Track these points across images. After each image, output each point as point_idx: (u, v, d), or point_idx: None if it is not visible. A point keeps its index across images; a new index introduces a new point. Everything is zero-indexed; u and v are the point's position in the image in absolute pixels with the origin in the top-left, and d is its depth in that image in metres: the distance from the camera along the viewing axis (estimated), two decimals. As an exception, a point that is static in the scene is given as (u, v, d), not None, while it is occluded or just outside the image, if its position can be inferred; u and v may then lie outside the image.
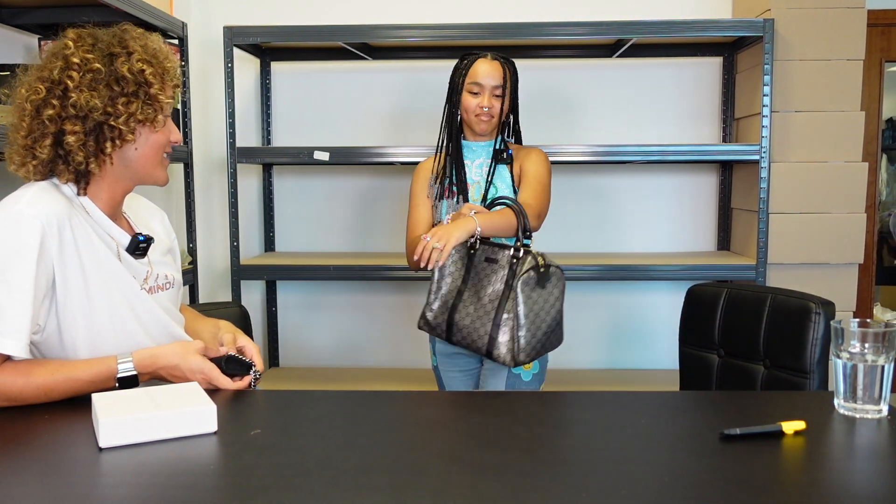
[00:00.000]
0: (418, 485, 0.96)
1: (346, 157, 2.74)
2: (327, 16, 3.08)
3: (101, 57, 1.35)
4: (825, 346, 1.74)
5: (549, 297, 1.84)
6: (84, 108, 1.33)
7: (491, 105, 2.11)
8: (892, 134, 5.11)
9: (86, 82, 1.34)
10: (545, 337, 1.85)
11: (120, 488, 0.97)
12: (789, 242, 2.72)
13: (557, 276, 1.86)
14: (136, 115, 1.36)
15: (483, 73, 2.12)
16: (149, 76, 1.36)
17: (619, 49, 2.91)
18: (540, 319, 1.83)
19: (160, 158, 1.44)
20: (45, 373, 1.28)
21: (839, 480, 0.99)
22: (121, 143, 1.37)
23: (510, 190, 2.15)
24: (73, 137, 1.33)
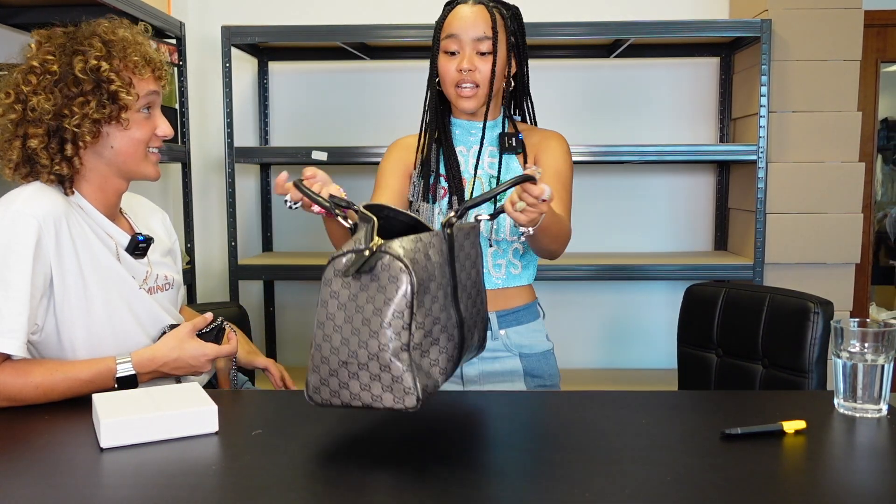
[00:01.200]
0: (420, 484, 0.96)
1: (344, 157, 2.74)
2: (325, 16, 3.08)
3: (60, 57, 1.33)
4: (824, 346, 1.74)
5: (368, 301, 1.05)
6: (39, 111, 1.31)
7: (472, 66, 1.54)
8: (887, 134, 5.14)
9: (43, 85, 1.32)
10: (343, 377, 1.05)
11: (121, 489, 0.97)
12: (786, 242, 2.72)
13: (393, 271, 1.04)
14: (91, 115, 1.31)
15: (459, 21, 1.55)
16: (106, 73, 1.32)
17: (617, 49, 2.91)
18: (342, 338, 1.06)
19: (143, 154, 1.40)
20: (44, 372, 1.27)
21: (840, 479, 0.99)
22: (83, 145, 1.33)
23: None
24: (35, 141, 1.32)
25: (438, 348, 1.10)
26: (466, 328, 1.18)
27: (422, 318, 1.07)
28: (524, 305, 1.69)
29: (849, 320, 1.21)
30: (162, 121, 1.42)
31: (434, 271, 1.10)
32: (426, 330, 1.08)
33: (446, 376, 1.11)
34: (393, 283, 1.04)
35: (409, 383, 1.03)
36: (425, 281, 1.07)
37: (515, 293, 1.68)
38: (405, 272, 1.04)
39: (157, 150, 1.44)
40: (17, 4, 2.34)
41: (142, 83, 1.37)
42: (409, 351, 1.04)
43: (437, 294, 1.10)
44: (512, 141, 1.62)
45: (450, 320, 1.13)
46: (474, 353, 1.27)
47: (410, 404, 1.03)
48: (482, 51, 1.55)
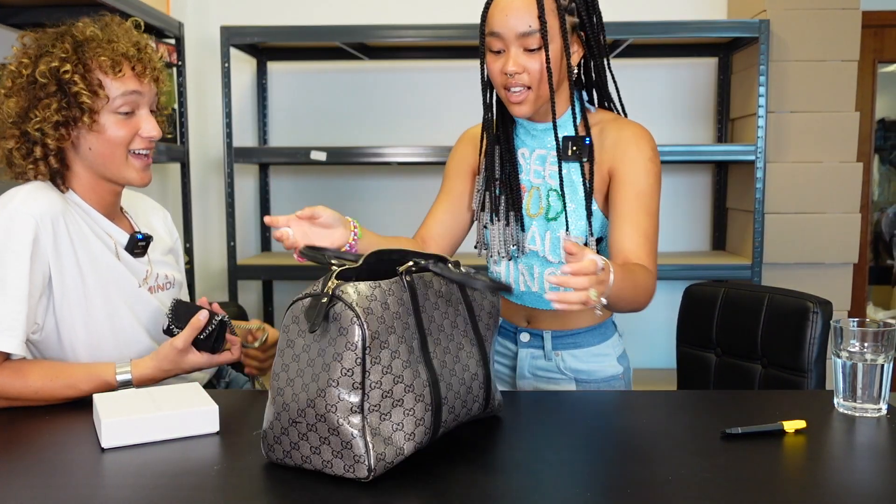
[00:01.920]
0: (423, 484, 0.96)
1: (343, 158, 2.74)
2: (324, 16, 3.08)
3: (32, 60, 1.31)
4: (823, 346, 1.75)
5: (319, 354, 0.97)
6: (7, 114, 1.31)
7: (519, 68, 1.33)
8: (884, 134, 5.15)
9: (12, 88, 1.31)
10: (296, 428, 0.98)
11: (122, 489, 0.97)
12: (784, 242, 2.73)
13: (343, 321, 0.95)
14: (50, 118, 1.28)
15: (500, 14, 1.32)
16: (68, 76, 1.28)
17: (616, 49, 2.91)
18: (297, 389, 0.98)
19: (123, 157, 1.34)
20: (43, 377, 1.27)
21: (840, 479, 0.99)
22: (53, 147, 1.31)
23: (582, 209, 1.40)
24: (11, 143, 1.32)
25: (402, 410, 0.98)
26: (445, 387, 1.04)
27: (378, 377, 0.95)
28: (587, 328, 1.51)
29: (848, 320, 1.21)
30: (146, 121, 1.35)
31: (392, 323, 0.97)
32: (384, 390, 0.96)
33: (415, 442, 0.99)
34: (342, 336, 0.93)
35: (360, 450, 0.93)
36: (381, 334, 0.95)
37: (574, 315, 1.49)
38: (355, 323, 0.93)
39: (144, 152, 1.37)
40: (15, 4, 2.34)
41: (116, 83, 1.31)
42: (363, 413, 0.94)
43: (399, 349, 0.98)
44: (575, 147, 1.37)
45: (417, 378, 1.00)
46: (477, 414, 1.13)
47: (361, 474, 0.93)
48: (530, 47, 1.32)
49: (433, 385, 1.02)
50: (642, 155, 1.36)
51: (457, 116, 3.11)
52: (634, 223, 1.33)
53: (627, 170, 1.35)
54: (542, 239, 1.45)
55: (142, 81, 1.34)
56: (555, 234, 1.43)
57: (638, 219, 1.33)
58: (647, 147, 1.38)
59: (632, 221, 1.33)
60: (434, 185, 3.18)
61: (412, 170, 3.14)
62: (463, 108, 3.11)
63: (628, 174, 1.35)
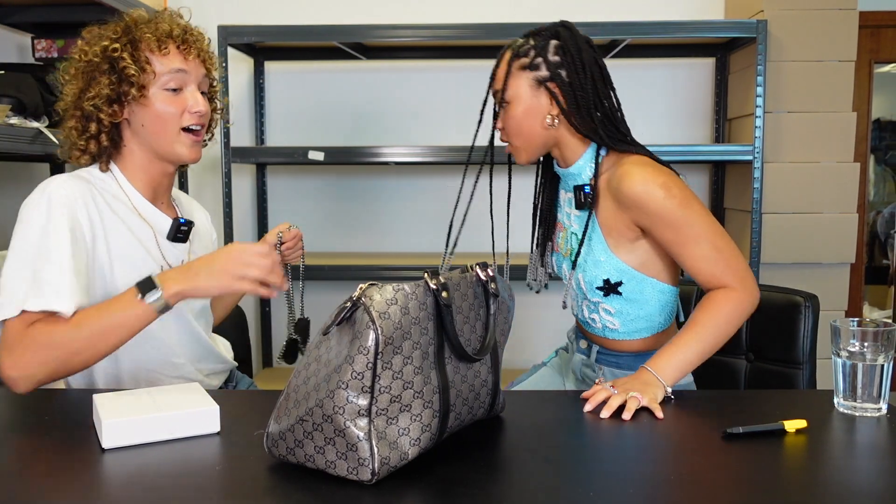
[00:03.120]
0: (424, 485, 0.96)
1: (341, 157, 2.74)
2: (321, 15, 3.08)
3: (89, 46, 1.39)
4: (815, 339, 1.77)
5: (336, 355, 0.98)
6: (69, 96, 1.39)
7: (500, 124, 1.50)
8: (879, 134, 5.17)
9: (74, 74, 1.39)
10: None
11: (123, 490, 0.96)
12: (782, 242, 2.74)
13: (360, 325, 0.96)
14: (102, 94, 1.36)
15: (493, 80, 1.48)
16: (115, 53, 1.35)
17: (613, 50, 2.92)
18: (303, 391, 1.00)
19: (174, 132, 1.40)
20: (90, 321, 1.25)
21: (842, 478, 0.99)
22: (107, 122, 1.38)
23: (608, 258, 1.45)
24: (72, 122, 1.40)
25: (410, 416, 0.98)
26: (455, 394, 1.05)
27: (388, 381, 0.96)
28: (631, 353, 1.54)
29: (848, 320, 1.21)
30: (194, 97, 1.41)
31: (410, 328, 0.98)
32: (393, 395, 0.96)
33: (420, 448, 0.99)
34: (357, 340, 0.95)
35: (365, 453, 0.93)
36: (396, 339, 0.96)
37: (618, 343, 1.55)
38: (370, 328, 0.94)
39: (194, 127, 1.42)
40: (12, 3, 2.33)
41: (163, 60, 1.38)
42: (371, 417, 0.94)
43: (412, 355, 0.98)
44: (580, 195, 1.45)
45: (427, 384, 1.00)
46: (480, 417, 1.15)
47: (364, 477, 0.93)
48: (503, 105, 1.47)
49: (443, 391, 1.02)
50: (653, 199, 1.37)
51: (454, 116, 3.11)
52: (693, 257, 1.38)
53: (652, 221, 1.39)
54: (571, 278, 1.53)
55: (187, 59, 1.40)
56: (577, 275, 1.51)
57: (691, 251, 1.38)
58: (655, 189, 1.37)
59: (690, 256, 1.38)
60: (432, 185, 3.19)
61: (410, 170, 3.14)
62: (460, 108, 3.11)
63: (656, 223, 1.38)
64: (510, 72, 1.43)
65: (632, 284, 1.48)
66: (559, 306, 1.96)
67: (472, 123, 3.11)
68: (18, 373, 1.24)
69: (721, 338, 1.36)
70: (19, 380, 1.24)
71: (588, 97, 1.42)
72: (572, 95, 1.42)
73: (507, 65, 1.44)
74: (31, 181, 2.66)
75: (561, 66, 1.42)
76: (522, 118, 1.44)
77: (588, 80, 1.42)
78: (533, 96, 1.43)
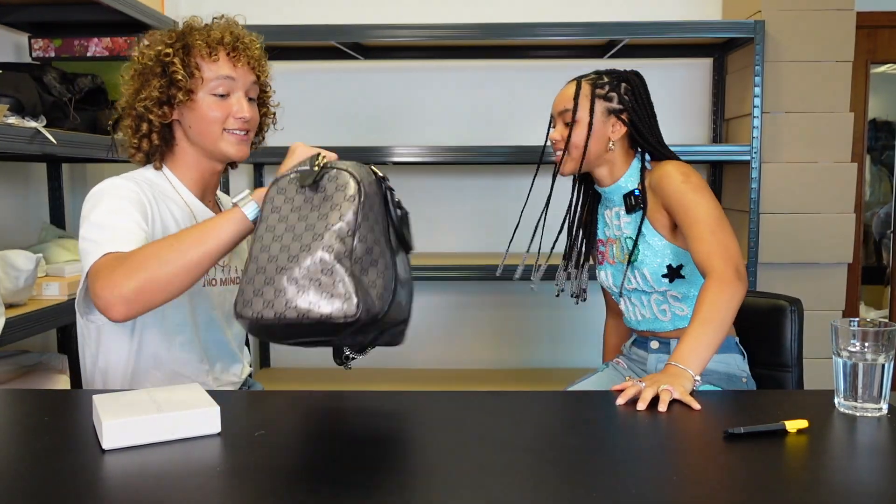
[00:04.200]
0: (427, 485, 0.96)
1: (339, 157, 2.73)
2: (320, 15, 3.08)
3: (148, 49, 1.45)
4: (801, 342, 1.79)
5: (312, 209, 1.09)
6: (126, 100, 1.46)
7: (555, 137, 1.74)
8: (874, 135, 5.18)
9: (132, 77, 1.46)
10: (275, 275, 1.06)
11: (124, 490, 0.96)
12: (779, 242, 2.74)
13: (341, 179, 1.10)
14: (153, 96, 1.42)
15: (556, 100, 1.76)
16: (167, 57, 1.41)
17: (611, 50, 2.92)
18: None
19: (218, 132, 1.45)
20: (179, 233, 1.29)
21: (843, 478, 0.99)
22: (157, 123, 1.44)
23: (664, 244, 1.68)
24: (128, 121, 1.47)
25: (377, 271, 1.06)
26: (400, 270, 1.14)
27: (365, 232, 1.05)
28: None
29: (848, 320, 1.21)
30: (239, 104, 1.46)
31: (375, 199, 1.10)
32: (367, 246, 1.05)
33: (383, 304, 1.06)
34: (341, 191, 1.06)
35: (351, 288, 0.99)
36: (370, 198, 1.08)
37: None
38: (353, 179, 1.06)
39: (238, 131, 1.47)
40: (9, 3, 2.33)
41: (211, 66, 1.43)
42: (351, 260, 1.02)
43: (375, 225, 1.08)
44: (631, 199, 1.71)
45: (386, 251, 1.10)
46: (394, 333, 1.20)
47: (350, 311, 0.99)
48: (566, 121, 1.71)
49: (394, 265, 1.12)
50: (674, 181, 1.61)
51: (452, 116, 3.11)
52: (694, 237, 1.56)
53: (672, 201, 1.62)
54: (636, 277, 1.73)
55: (235, 66, 1.45)
56: (640, 271, 1.71)
57: (694, 231, 1.56)
58: (677, 173, 1.62)
59: (692, 237, 1.57)
60: (430, 184, 3.18)
61: (408, 169, 3.14)
62: (459, 108, 3.11)
63: (673, 203, 1.61)
64: (584, 96, 1.69)
65: (690, 266, 1.68)
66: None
67: (471, 123, 3.13)
68: (110, 292, 1.22)
69: (725, 325, 1.46)
70: (110, 300, 1.22)
71: (650, 127, 1.73)
72: (638, 126, 1.71)
73: (586, 93, 1.70)
74: (28, 181, 2.65)
75: (630, 103, 1.71)
76: (580, 138, 1.70)
77: (649, 116, 1.74)
78: (601, 122, 1.70)
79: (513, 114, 3.10)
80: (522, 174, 3.13)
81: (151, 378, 1.48)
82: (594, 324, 3.14)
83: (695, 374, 1.37)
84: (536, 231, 1.85)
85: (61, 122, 2.09)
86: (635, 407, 1.26)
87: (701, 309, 1.46)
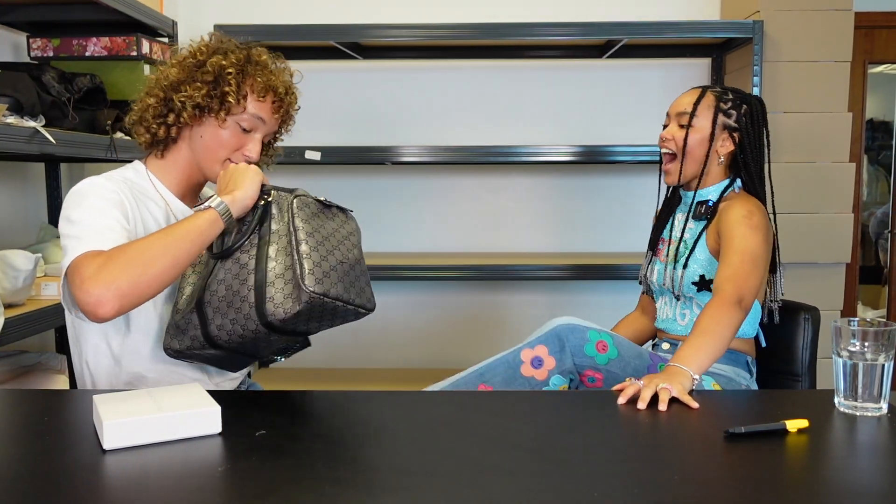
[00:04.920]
0: (429, 485, 0.96)
1: (338, 157, 2.73)
2: (318, 15, 3.07)
3: (209, 51, 1.49)
4: (814, 351, 1.76)
5: (339, 230, 1.40)
6: (167, 78, 1.47)
7: (669, 135, 1.77)
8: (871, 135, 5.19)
9: (182, 63, 1.48)
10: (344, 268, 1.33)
11: (125, 491, 0.96)
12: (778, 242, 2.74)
13: (349, 212, 1.48)
14: (195, 98, 1.44)
15: (675, 101, 1.82)
16: (227, 75, 1.44)
17: (609, 50, 2.92)
18: (331, 245, 1.34)
19: (222, 157, 1.49)
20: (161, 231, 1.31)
21: (843, 477, 1.00)
22: (185, 119, 1.46)
23: (707, 258, 1.75)
24: (153, 100, 1.48)
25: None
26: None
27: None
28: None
29: (847, 319, 1.22)
30: (255, 145, 1.50)
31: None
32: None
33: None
34: (352, 221, 1.47)
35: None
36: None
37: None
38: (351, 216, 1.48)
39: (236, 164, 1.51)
40: (7, 2, 2.32)
41: (256, 104, 1.47)
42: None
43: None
44: (701, 208, 1.78)
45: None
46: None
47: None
48: (681, 123, 1.76)
49: None
50: (737, 213, 1.68)
51: (451, 116, 3.11)
52: (726, 263, 1.63)
53: (726, 229, 1.68)
54: (670, 278, 1.80)
55: (273, 115, 1.51)
56: (677, 272, 1.78)
57: (728, 258, 1.63)
58: (743, 208, 1.68)
59: (724, 262, 1.63)
60: (429, 184, 3.18)
61: (406, 169, 3.14)
62: (457, 108, 3.11)
63: (726, 231, 1.68)
64: (708, 106, 1.75)
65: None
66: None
67: (469, 123, 3.12)
68: (101, 287, 1.21)
69: (724, 339, 1.51)
70: (104, 295, 1.21)
71: (755, 155, 1.77)
72: (746, 149, 1.76)
73: (710, 103, 1.75)
74: (26, 181, 2.65)
75: (746, 126, 1.75)
76: (698, 144, 1.75)
77: (762, 144, 1.78)
78: (717, 134, 1.76)
79: (511, 114, 3.11)
80: (521, 174, 3.13)
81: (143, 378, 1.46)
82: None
83: (693, 374, 1.39)
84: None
85: (60, 122, 2.08)
86: (636, 406, 1.26)
87: (701, 321, 1.53)
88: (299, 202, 1.37)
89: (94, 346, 1.45)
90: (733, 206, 1.71)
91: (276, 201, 1.39)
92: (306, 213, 1.36)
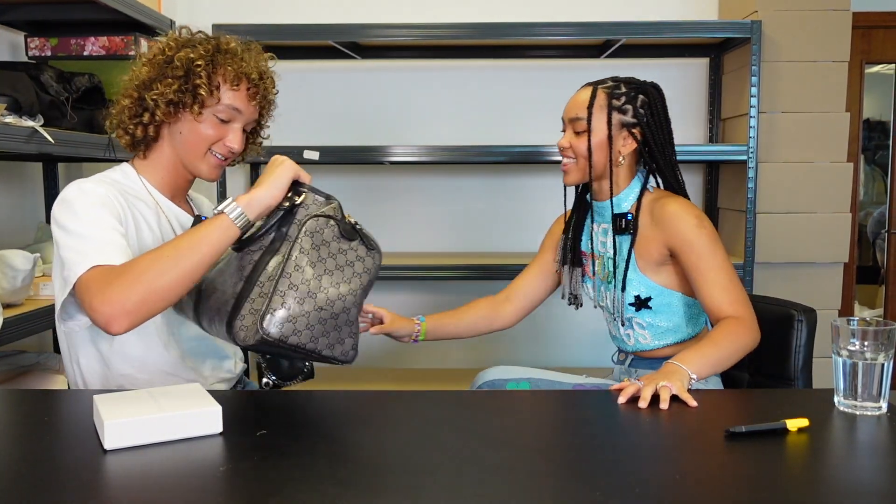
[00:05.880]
0: (431, 485, 0.96)
1: (336, 157, 2.73)
2: (316, 14, 3.07)
3: (177, 46, 1.46)
4: (809, 353, 1.74)
5: (345, 267, 1.28)
6: (137, 77, 1.46)
7: (567, 144, 1.66)
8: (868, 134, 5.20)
9: (151, 60, 1.46)
10: (321, 315, 1.22)
11: (126, 491, 0.96)
12: (776, 242, 2.75)
13: (373, 248, 1.35)
14: (167, 94, 1.42)
15: (568, 105, 1.69)
16: (197, 68, 1.42)
17: (608, 50, 2.92)
18: (318, 284, 1.23)
19: (203, 151, 1.48)
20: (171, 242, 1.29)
21: (843, 476, 1.00)
22: (159, 118, 1.44)
23: (639, 277, 1.65)
24: (128, 101, 1.47)
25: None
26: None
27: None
28: (662, 359, 1.59)
29: (847, 318, 1.22)
30: (234, 134, 1.48)
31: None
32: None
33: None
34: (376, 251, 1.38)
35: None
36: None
37: (649, 353, 1.72)
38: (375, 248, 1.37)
39: (220, 156, 1.50)
40: (6, 2, 2.32)
41: (230, 93, 1.45)
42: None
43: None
44: (622, 222, 1.66)
45: None
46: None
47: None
48: (577, 130, 1.65)
49: None
50: (687, 224, 1.57)
51: (450, 116, 3.11)
52: (711, 282, 1.55)
53: (681, 242, 1.58)
54: (608, 298, 1.72)
55: (249, 102, 1.48)
56: (611, 293, 1.71)
57: (711, 276, 1.55)
58: (690, 216, 1.59)
59: (708, 281, 1.55)
60: (427, 184, 3.18)
61: (405, 169, 3.14)
62: (456, 108, 3.11)
63: (684, 245, 1.58)
64: (600, 107, 1.63)
65: (660, 299, 1.66)
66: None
67: (467, 123, 3.12)
68: (111, 307, 1.21)
69: (731, 353, 1.47)
70: (114, 314, 1.21)
71: (662, 147, 1.66)
72: (651, 143, 1.65)
73: (602, 103, 1.63)
74: (25, 180, 2.64)
75: (646, 118, 1.64)
76: (597, 147, 1.63)
77: (665, 134, 1.67)
78: (615, 135, 1.64)
79: (510, 113, 3.11)
80: (519, 174, 3.13)
81: (134, 381, 1.46)
82: (589, 324, 3.14)
83: (691, 372, 1.38)
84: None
85: (58, 122, 2.08)
86: (636, 405, 1.26)
87: (715, 332, 1.48)
88: (314, 224, 1.28)
89: (83, 349, 1.45)
90: (671, 214, 1.59)
91: (304, 205, 1.33)
92: (315, 240, 1.26)
